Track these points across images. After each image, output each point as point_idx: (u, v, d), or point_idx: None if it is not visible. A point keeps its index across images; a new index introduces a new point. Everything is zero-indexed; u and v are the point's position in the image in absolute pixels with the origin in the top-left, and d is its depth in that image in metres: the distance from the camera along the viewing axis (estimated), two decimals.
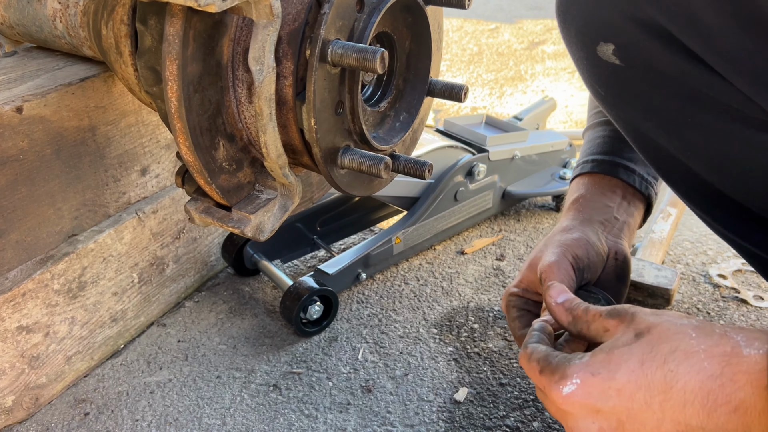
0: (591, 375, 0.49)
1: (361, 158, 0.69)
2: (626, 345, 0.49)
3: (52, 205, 0.89)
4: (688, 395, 0.45)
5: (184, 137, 0.65)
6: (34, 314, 0.87)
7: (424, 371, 0.98)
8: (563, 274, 0.70)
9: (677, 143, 0.63)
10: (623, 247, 0.79)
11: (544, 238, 0.79)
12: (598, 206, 0.80)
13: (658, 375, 0.46)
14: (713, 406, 0.45)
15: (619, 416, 0.48)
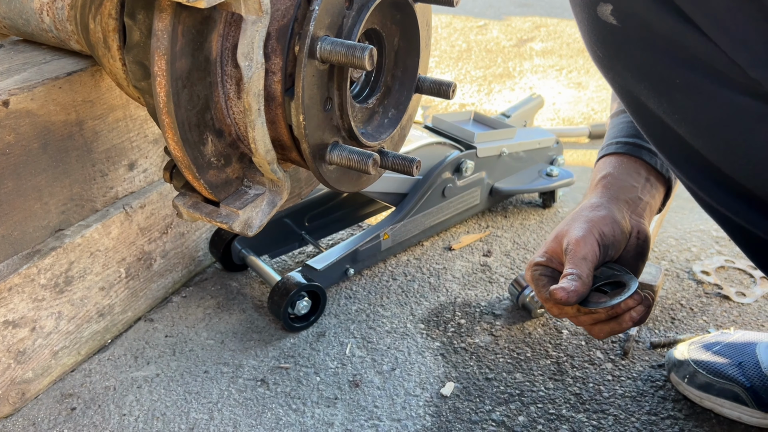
0: None
1: (350, 154, 0.69)
2: None
3: (39, 199, 0.88)
4: None
5: (172, 132, 0.65)
6: (20, 309, 0.87)
7: (411, 366, 0.99)
8: (589, 249, 0.74)
9: (666, 106, 0.64)
10: (645, 226, 0.82)
11: (571, 212, 0.82)
12: (625, 185, 0.83)
13: None
14: None
15: None
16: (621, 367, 0.99)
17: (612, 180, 0.83)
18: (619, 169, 0.84)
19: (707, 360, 0.91)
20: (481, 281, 1.18)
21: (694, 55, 0.59)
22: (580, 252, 0.75)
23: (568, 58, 2.32)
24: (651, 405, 0.92)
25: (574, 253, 0.75)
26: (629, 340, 1.02)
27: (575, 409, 0.91)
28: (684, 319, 1.08)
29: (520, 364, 1.00)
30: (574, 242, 0.75)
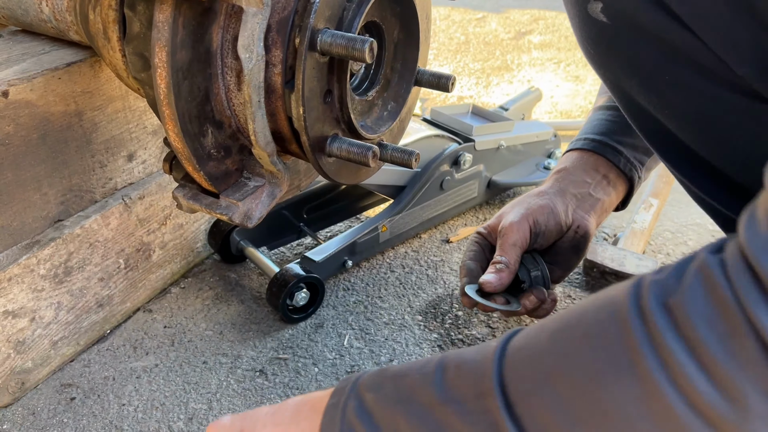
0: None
1: (349, 147, 0.70)
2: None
3: (38, 190, 0.88)
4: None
5: (172, 124, 0.65)
6: (20, 299, 0.87)
7: (409, 357, 1.00)
8: (520, 235, 0.83)
9: (656, 101, 0.65)
10: (588, 222, 0.85)
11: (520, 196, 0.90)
12: (577, 180, 0.86)
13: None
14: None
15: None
16: None
17: (565, 174, 0.88)
18: (577, 164, 0.89)
19: None
20: None
21: (682, 52, 0.59)
22: (512, 238, 0.83)
23: (567, 51, 2.32)
24: None
25: (506, 238, 0.83)
26: None
27: None
28: None
29: None
30: (508, 226, 0.84)
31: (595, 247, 1.16)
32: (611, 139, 0.86)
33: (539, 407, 0.41)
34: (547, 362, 0.42)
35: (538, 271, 0.85)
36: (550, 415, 0.41)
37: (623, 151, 0.86)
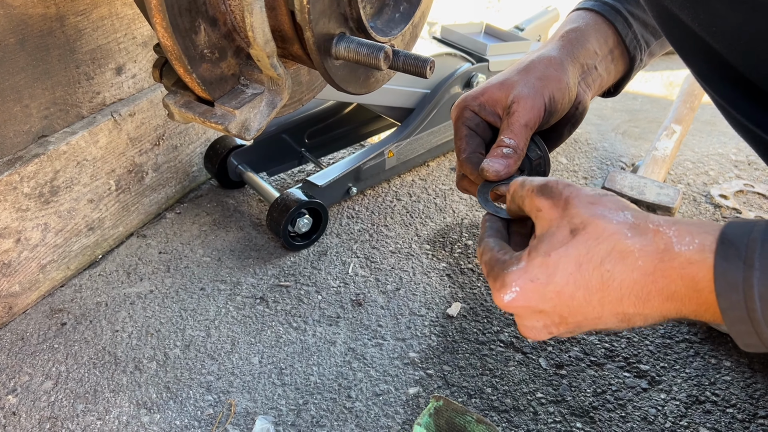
0: (529, 281, 0.50)
1: (359, 47, 0.62)
2: (563, 246, 0.49)
3: (19, 101, 0.81)
4: (624, 290, 0.48)
5: (161, 16, 0.58)
6: (3, 218, 0.82)
7: (416, 286, 0.95)
8: (534, 114, 0.65)
9: (703, 16, 0.58)
10: (587, 98, 0.74)
11: (525, 57, 0.70)
12: (588, 49, 0.74)
13: (595, 276, 0.48)
14: (647, 297, 0.47)
15: (561, 312, 0.51)
16: None
17: (578, 36, 0.74)
18: (590, 29, 0.75)
19: None
20: None
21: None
22: (524, 117, 0.65)
23: None
24: (665, 328, 0.88)
25: (518, 117, 0.65)
26: None
27: (587, 331, 0.88)
28: None
29: None
30: (521, 101, 0.65)
31: (613, 175, 1.09)
32: (624, 7, 0.77)
33: None
34: None
35: (540, 157, 0.68)
36: None
37: (633, 25, 0.76)
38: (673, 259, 0.46)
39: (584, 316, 0.50)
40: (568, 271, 0.48)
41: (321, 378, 0.80)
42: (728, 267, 0.44)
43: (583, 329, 0.52)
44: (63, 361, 0.82)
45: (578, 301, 0.49)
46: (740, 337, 0.46)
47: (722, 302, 0.45)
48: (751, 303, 0.43)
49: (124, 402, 0.77)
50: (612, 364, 0.83)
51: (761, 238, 0.43)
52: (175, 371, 0.81)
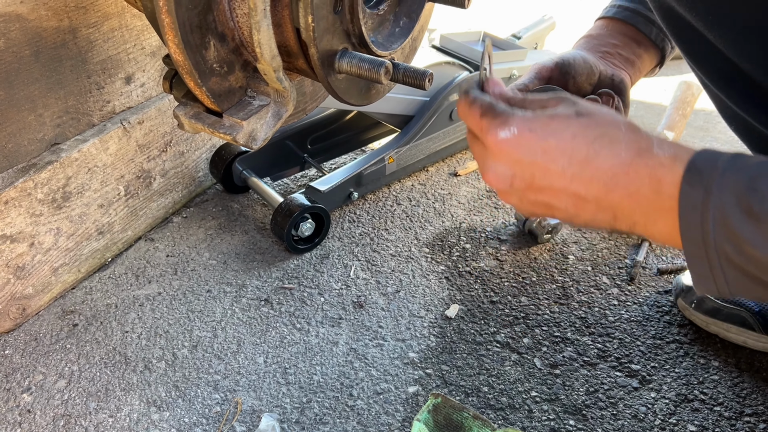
0: (528, 130, 0.53)
1: (360, 62, 0.66)
2: (567, 118, 0.54)
3: (33, 110, 0.85)
4: (598, 173, 0.52)
5: (173, 34, 0.61)
6: (17, 223, 0.85)
7: (415, 288, 0.98)
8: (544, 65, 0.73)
9: (701, 6, 0.61)
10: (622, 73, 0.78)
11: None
12: (603, 43, 0.79)
13: (583, 151, 0.52)
14: (614, 187, 0.51)
15: (534, 172, 0.54)
16: (627, 292, 0.98)
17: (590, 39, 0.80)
18: (603, 32, 0.80)
19: None
20: (487, 207, 1.16)
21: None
22: (535, 67, 0.73)
23: None
24: (656, 329, 0.92)
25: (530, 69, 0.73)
26: (636, 266, 1.01)
27: (580, 332, 0.91)
28: None
29: (525, 288, 0.99)
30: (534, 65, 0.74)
31: None
32: (644, 7, 0.80)
33: None
34: None
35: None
36: None
37: (656, 22, 0.80)
38: (650, 158, 0.50)
39: (551, 184, 0.54)
40: (563, 138, 0.52)
41: (324, 377, 0.83)
42: (691, 191, 0.48)
43: (536, 202, 0.56)
44: (75, 361, 0.85)
45: (556, 167, 0.53)
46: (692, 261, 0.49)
47: (683, 223, 0.48)
48: (706, 226, 0.47)
49: (135, 400, 0.80)
50: (604, 364, 0.86)
51: (722, 167, 0.47)
52: (184, 371, 0.84)
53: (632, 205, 0.51)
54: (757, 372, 0.85)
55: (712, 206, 0.47)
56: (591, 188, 0.52)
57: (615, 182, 0.51)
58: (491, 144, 0.54)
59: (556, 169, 0.53)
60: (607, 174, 0.51)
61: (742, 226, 0.46)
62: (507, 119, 0.54)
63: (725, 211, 0.47)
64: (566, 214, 0.55)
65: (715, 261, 0.49)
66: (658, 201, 0.50)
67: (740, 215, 0.46)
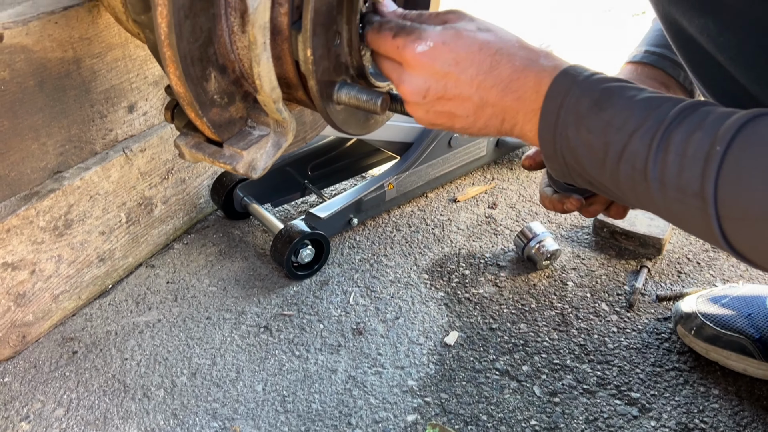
0: (441, 43, 0.60)
1: (359, 93, 0.67)
2: (472, 31, 0.61)
3: (36, 139, 0.86)
4: (498, 80, 0.60)
5: (174, 66, 0.62)
6: (19, 251, 0.86)
7: (414, 315, 0.98)
8: None
9: (712, 27, 0.62)
10: None
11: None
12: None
13: (488, 60, 0.60)
14: (507, 90, 0.60)
15: (447, 81, 0.61)
16: (626, 319, 0.98)
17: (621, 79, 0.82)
18: (635, 75, 0.83)
19: (715, 312, 0.90)
20: (486, 233, 1.17)
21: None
22: None
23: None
24: (656, 357, 0.92)
25: None
26: (635, 293, 1.01)
27: (579, 359, 0.91)
28: (691, 273, 1.07)
29: (524, 314, 0.99)
30: None
31: None
32: (671, 51, 0.82)
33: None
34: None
35: None
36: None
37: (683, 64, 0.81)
38: (536, 66, 0.59)
39: (460, 92, 0.61)
40: (470, 49, 0.60)
41: (322, 405, 0.83)
42: (558, 86, 0.58)
43: (442, 113, 0.63)
44: (74, 389, 0.85)
45: (466, 76, 0.60)
46: (543, 142, 0.60)
47: (543, 108, 0.58)
48: (560, 111, 0.57)
49: (133, 429, 0.80)
50: (604, 392, 0.86)
51: (589, 74, 0.58)
52: (182, 398, 0.84)
53: (518, 107, 0.60)
54: (758, 400, 0.85)
55: (571, 97, 0.57)
56: (491, 93, 0.61)
57: (510, 88, 0.60)
58: (409, 58, 0.60)
59: (466, 78, 0.60)
60: (505, 81, 0.60)
61: (587, 113, 0.56)
62: (421, 34, 0.60)
63: (579, 101, 0.57)
64: (466, 121, 0.63)
65: (558, 144, 0.59)
66: (537, 101, 0.59)
67: (589, 106, 0.56)
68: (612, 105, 0.56)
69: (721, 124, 0.51)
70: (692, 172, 0.50)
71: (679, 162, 0.51)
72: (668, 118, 0.53)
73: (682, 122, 0.52)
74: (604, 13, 2.23)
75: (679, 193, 0.52)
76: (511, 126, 0.63)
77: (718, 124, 0.51)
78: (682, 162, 0.51)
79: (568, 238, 1.15)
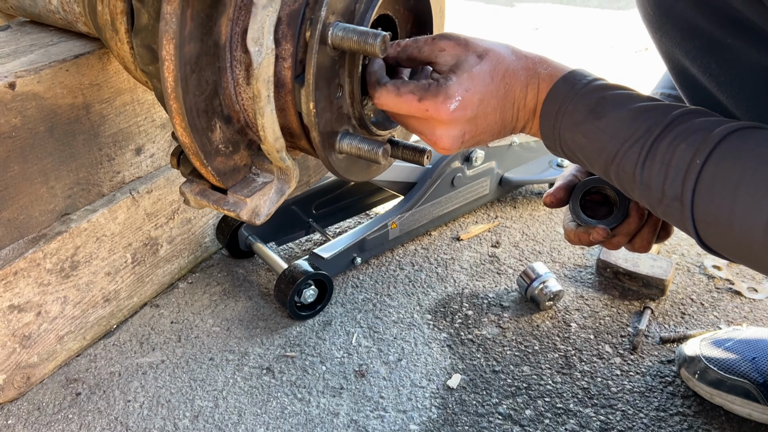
0: (465, 91, 0.63)
1: (360, 143, 0.68)
2: (477, 64, 0.64)
3: (45, 183, 0.87)
4: (514, 100, 0.65)
5: (180, 118, 0.64)
6: (25, 293, 0.87)
7: (417, 357, 0.98)
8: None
9: (714, 66, 0.65)
10: None
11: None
12: None
13: (501, 86, 0.64)
14: (521, 105, 0.65)
15: (478, 121, 0.65)
16: (630, 361, 0.98)
17: None
18: None
19: (719, 356, 0.90)
20: (490, 272, 1.17)
21: (747, 17, 0.58)
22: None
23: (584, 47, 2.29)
24: (660, 401, 0.91)
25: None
26: (639, 334, 1.01)
27: (583, 403, 0.90)
28: (694, 314, 1.07)
29: (527, 356, 0.99)
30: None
31: None
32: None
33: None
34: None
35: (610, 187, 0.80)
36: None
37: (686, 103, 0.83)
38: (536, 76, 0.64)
39: (488, 123, 0.66)
40: (485, 82, 0.63)
41: None
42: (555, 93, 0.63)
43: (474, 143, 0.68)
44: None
45: (490, 108, 0.64)
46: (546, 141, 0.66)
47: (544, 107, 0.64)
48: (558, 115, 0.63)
49: None
50: None
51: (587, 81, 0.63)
52: None
53: (527, 114, 0.66)
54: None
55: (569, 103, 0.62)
56: (511, 112, 0.66)
57: (521, 102, 0.65)
58: (445, 118, 0.63)
59: (491, 110, 0.65)
60: (519, 99, 0.65)
61: (583, 120, 0.61)
62: (447, 91, 0.63)
63: (576, 108, 0.61)
64: (490, 138, 0.68)
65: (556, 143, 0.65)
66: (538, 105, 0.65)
67: (585, 113, 0.61)
68: (606, 114, 0.60)
69: (704, 137, 0.56)
70: (674, 180, 0.56)
71: (664, 171, 0.57)
72: (658, 128, 0.58)
73: (670, 133, 0.57)
74: (608, 49, 2.26)
75: (662, 197, 0.58)
76: (521, 128, 0.68)
77: (702, 136, 0.56)
78: (666, 171, 0.57)
79: (572, 277, 1.15)
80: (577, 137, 0.62)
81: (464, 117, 0.64)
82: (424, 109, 0.63)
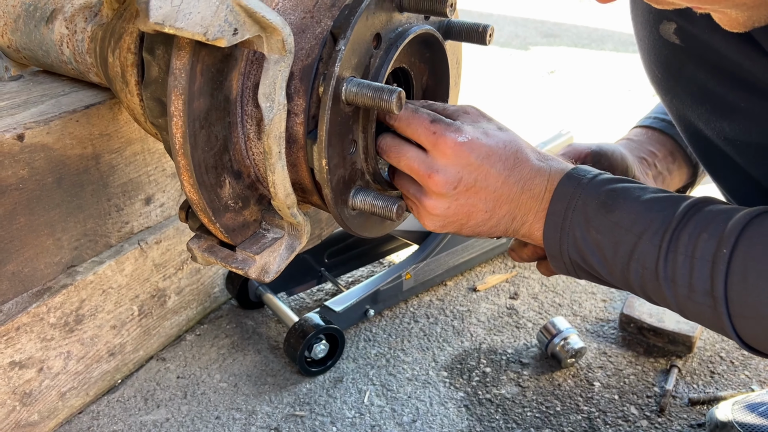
0: (477, 137, 0.63)
1: (374, 200, 0.65)
2: (499, 130, 0.65)
3: (52, 235, 0.85)
4: (519, 177, 0.64)
5: (188, 175, 0.62)
6: (27, 349, 0.84)
7: (433, 418, 0.94)
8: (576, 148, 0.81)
9: (728, 130, 0.62)
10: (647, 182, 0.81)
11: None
12: (644, 149, 0.84)
13: (512, 158, 0.64)
14: (525, 189, 0.64)
15: (479, 174, 0.63)
16: (657, 425, 0.92)
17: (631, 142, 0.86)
18: (643, 138, 0.86)
19: (753, 422, 0.84)
20: (508, 326, 1.13)
21: (760, 79, 0.56)
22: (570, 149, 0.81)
23: (600, 90, 2.27)
24: None
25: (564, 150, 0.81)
26: (666, 395, 0.96)
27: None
28: (724, 373, 1.02)
29: (549, 419, 0.94)
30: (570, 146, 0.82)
31: (632, 301, 1.09)
32: None
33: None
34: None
35: None
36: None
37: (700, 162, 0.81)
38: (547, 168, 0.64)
39: (487, 186, 0.64)
40: (498, 145, 0.63)
41: None
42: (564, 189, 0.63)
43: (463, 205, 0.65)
44: None
45: (495, 170, 0.63)
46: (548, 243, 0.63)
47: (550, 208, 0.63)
48: (568, 212, 0.61)
49: None
50: None
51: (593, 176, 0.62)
52: None
53: (531, 205, 0.64)
54: None
55: (578, 199, 0.61)
56: (513, 189, 0.64)
57: (527, 186, 0.64)
58: (448, 147, 0.62)
59: (495, 172, 0.63)
60: (525, 179, 0.64)
61: (595, 214, 0.59)
62: (459, 127, 0.63)
63: (587, 203, 0.60)
64: (482, 218, 0.65)
65: (564, 244, 0.62)
66: (546, 201, 0.63)
67: (596, 207, 0.60)
68: (618, 207, 0.59)
69: (725, 225, 0.53)
70: (702, 273, 0.53)
71: (689, 263, 0.53)
72: (675, 219, 0.55)
73: (688, 223, 0.54)
74: (625, 93, 2.24)
75: (690, 292, 0.54)
76: (520, 224, 0.65)
77: (722, 225, 0.53)
78: (692, 263, 0.53)
79: (594, 332, 1.10)
80: (591, 233, 0.60)
81: (467, 158, 0.62)
82: (432, 130, 0.63)
